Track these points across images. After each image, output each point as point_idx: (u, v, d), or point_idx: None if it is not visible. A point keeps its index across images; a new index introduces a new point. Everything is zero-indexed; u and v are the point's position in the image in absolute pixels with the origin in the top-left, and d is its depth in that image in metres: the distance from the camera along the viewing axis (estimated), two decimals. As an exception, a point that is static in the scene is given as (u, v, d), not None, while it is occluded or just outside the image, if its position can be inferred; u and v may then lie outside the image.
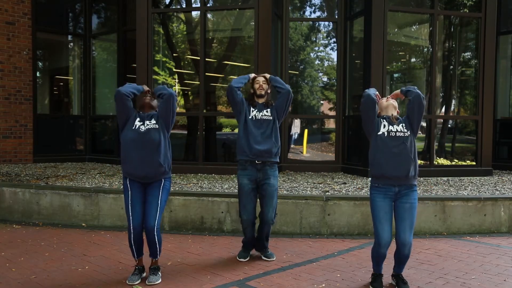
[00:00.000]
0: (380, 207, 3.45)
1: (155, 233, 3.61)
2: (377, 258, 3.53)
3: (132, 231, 3.60)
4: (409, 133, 3.45)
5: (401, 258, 3.50)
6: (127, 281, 3.62)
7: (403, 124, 3.49)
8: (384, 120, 3.53)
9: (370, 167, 3.56)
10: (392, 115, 3.54)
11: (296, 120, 8.97)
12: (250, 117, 4.27)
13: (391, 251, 3.60)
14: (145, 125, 3.64)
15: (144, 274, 3.77)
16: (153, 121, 3.67)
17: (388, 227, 3.44)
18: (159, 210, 3.63)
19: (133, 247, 3.66)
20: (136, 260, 3.75)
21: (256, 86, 4.37)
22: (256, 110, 4.30)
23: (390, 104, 3.59)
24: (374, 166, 3.50)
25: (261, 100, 4.35)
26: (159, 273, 3.74)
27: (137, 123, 3.66)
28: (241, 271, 3.94)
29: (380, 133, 3.48)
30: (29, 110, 9.12)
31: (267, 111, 4.30)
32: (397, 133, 3.45)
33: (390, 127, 3.48)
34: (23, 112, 9.06)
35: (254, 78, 4.41)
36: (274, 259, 4.29)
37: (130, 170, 3.62)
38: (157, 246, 3.67)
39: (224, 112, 8.86)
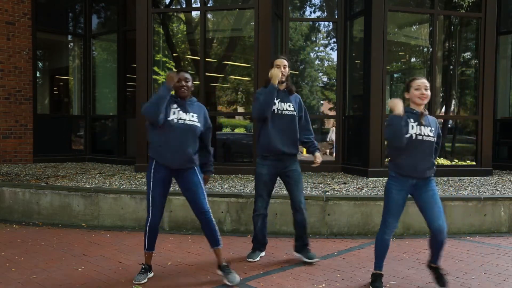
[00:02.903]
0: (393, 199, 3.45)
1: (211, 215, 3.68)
2: (382, 248, 3.52)
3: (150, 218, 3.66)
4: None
5: (438, 246, 3.52)
6: (133, 280, 3.63)
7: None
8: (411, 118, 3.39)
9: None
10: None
11: (333, 128, 9.13)
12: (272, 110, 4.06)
13: (390, 250, 3.60)
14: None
15: (151, 274, 3.78)
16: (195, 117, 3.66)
17: (397, 218, 3.51)
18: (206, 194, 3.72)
19: (146, 236, 3.68)
20: (146, 253, 3.74)
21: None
22: (279, 100, 4.09)
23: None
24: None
25: (282, 86, 4.13)
26: (231, 269, 3.70)
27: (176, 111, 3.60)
28: (241, 271, 3.94)
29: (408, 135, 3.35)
30: (29, 110, 9.13)
31: (289, 105, 4.10)
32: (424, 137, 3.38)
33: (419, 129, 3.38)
34: (23, 112, 9.06)
35: (273, 61, 4.17)
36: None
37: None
38: (216, 229, 3.69)
39: (224, 112, 8.86)
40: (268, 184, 4.16)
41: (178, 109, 3.61)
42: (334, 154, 8.85)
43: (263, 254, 4.39)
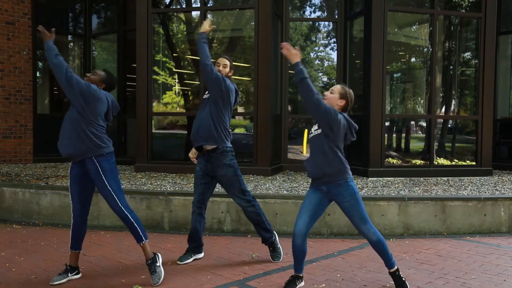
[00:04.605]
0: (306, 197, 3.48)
1: (126, 212, 3.58)
2: (292, 249, 3.46)
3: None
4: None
5: (375, 249, 3.45)
6: (50, 282, 3.58)
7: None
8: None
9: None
10: None
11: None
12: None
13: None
14: None
15: (74, 275, 3.70)
16: None
17: (305, 216, 3.43)
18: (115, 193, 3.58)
19: (71, 235, 3.67)
20: (70, 252, 3.70)
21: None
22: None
23: None
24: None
25: None
26: (157, 266, 3.62)
27: None
28: (241, 271, 3.94)
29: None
30: (29, 110, 9.13)
31: None
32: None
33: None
34: (23, 112, 9.06)
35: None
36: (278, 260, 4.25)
37: None
38: (135, 226, 3.60)
39: (224, 112, 8.85)
40: (199, 181, 4.18)
41: None
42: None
43: (200, 256, 4.29)
